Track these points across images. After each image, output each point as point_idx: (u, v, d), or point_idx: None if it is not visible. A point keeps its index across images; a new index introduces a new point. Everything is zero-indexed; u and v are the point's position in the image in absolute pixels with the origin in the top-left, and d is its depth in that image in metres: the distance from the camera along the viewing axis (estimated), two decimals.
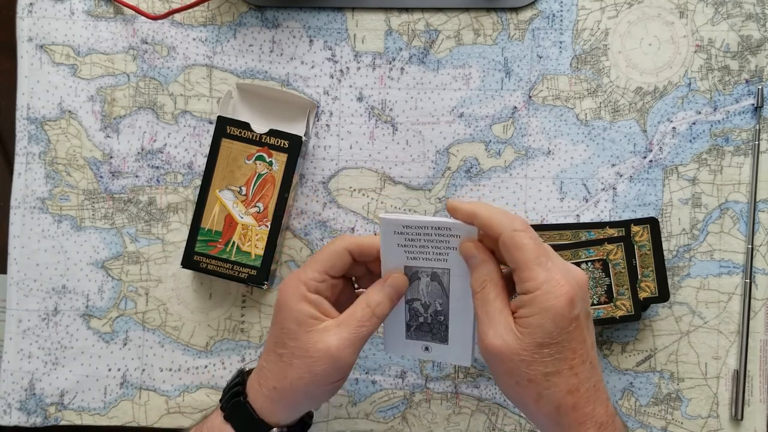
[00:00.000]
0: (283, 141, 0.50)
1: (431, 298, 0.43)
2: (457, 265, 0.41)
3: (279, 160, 0.50)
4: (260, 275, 0.51)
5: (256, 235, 0.51)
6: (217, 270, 0.51)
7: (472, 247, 0.40)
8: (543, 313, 0.36)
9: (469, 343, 0.43)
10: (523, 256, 0.37)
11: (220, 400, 0.44)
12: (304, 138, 0.51)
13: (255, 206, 0.51)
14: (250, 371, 0.45)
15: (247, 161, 0.51)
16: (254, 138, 0.51)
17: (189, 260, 0.52)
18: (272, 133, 0.51)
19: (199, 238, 0.51)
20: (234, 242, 0.51)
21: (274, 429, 0.42)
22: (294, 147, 0.51)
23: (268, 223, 0.51)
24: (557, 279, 0.37)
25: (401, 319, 0.44)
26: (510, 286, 0.40)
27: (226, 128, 0.51)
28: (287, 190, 0.51)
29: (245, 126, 0.51)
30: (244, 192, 0.51)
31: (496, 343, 0.37)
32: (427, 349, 0.44)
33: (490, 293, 0.39)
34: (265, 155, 0.50)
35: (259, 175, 0.50)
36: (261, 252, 0.51)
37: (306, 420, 0.46)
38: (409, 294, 0.43)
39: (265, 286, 0.51)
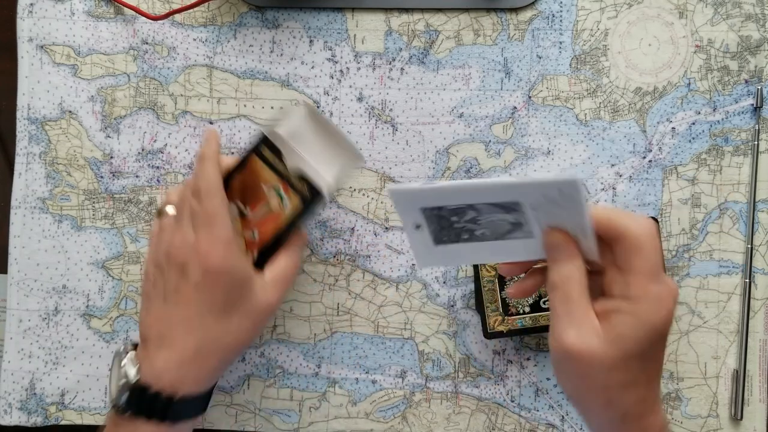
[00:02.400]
0: (306, 189, 0.46)
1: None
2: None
3: (292, 203, 0.46)
4: None
5: None
6: None
7: (561, 237, 0.37)
8: (642, 326, 0.34)
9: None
10: (642, 263, 0.35)
11: (113, 405, 0.42)
12: (327, 197, 0.46)
13: (251, 231, 0.47)
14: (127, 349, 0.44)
15: (263, 185, 0.46)
16: (280, 170, 0.46)
17: None
18: (300, 176, 0.46)
19: None
20: None
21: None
22: (313, 202, 0.46)
23: (255, 254, 0.46)
24: (665, 294, 0.35)
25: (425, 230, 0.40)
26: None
27: (261, 147, 0.46)
28: (285, 236, 0.46)
29: (278, 153, 0.46)
30: (247, 213, 0.47)
31: (579, 346, 0.34)
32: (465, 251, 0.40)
33: (574, 290, 0.36)
34: (282, 190, 0.46)
35: (268, 206, 0.46)
36: None
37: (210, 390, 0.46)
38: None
39: None
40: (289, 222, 0.46)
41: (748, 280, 0.53)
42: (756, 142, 0.53)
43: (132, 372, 0.42)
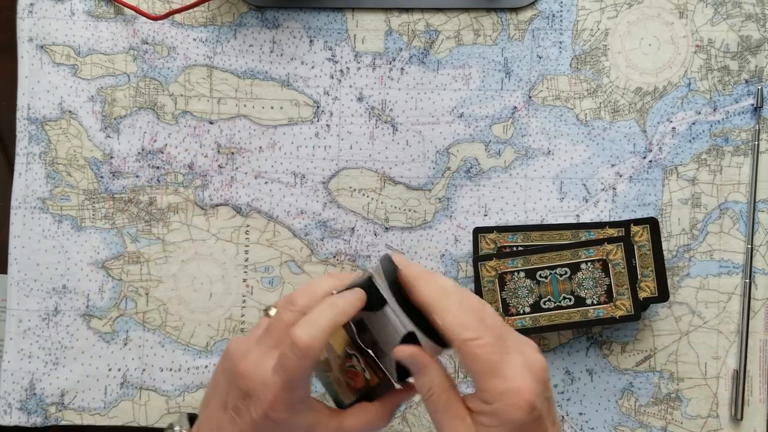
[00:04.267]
0: (375, 373, 0.40)
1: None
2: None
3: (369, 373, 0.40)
4: None
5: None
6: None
7: (408, 351, 0.36)
8: (505, 424, 0.34)
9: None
10: (478, 367, 0.35)
11: None
12: (396, 384, 0.40)
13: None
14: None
15: (348, 352, 0.41)
16: (359, 346, 0.40)
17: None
18: (372, 351, 0.40)
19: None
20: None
21: None
22: (382, 388, 0.40)
23: (354, 395, 0.41)
24: (515, 387, 0.35)
25: None
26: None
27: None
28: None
29: (362, 329, 0.40)
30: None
31: None
32: None
33: (440, 400, 0.36)
34: (357, 366, 0.41)
35: (351, 366, 0.41)
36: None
37: None
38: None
39: None
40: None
41: (748, 280, 0.53)
42: (756, 142, 0.53)
43: None
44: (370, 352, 0.39)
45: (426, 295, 0.37)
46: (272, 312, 0.40)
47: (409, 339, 0.37)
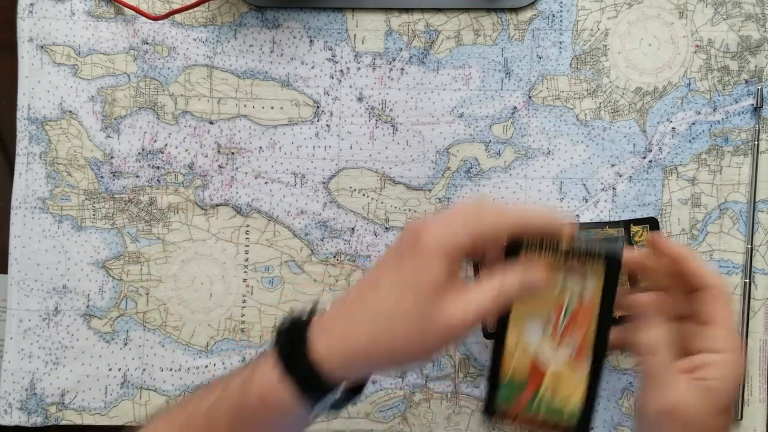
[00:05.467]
0: (596, 265, 0.39)
1: None
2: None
3: (591, 287, 0.39)
4: None
5: (571, 384, 0.40)
6: (524, 427, 0.41)
7: (651, 304, 0.39)
8: (731, 378, 0.37)
9: None
10: (720, 314, 0.38)
11: (276, 346, 0.36)
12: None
13: (566, 346, 0.40)
14: (308, 316, 0.37)
15: (552, 291, 0.40)
16: (559, 262, 0.39)
17: (491, 414, 0.41)
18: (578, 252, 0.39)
19: (500, 390, 0.41)
20: (542, 394, 0.40)
21: (342, 386, 0.36)
22: (611, 269, 0.39)
23: (586, 367, 0.40)
24: (741, 351, 0.38)
25: None
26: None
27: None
28: (606, 327, 0.39)
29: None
30: (550, 331, 0.40)
31: (680, 407, 0.36)
32: None
33: (664, 354, 0.38)
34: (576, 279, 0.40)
35: (567, 308, 0.40)
36: (577, 408, 0.40)
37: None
38: None
39: None
40: (602, 305, 0.39)
41: (748, 281, 0.53)
42: (756, 142, 0.53)
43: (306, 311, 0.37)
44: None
45: (676, 249, 0.40)
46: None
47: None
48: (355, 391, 0.38)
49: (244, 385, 0.36)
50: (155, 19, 0.54)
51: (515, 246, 0.38)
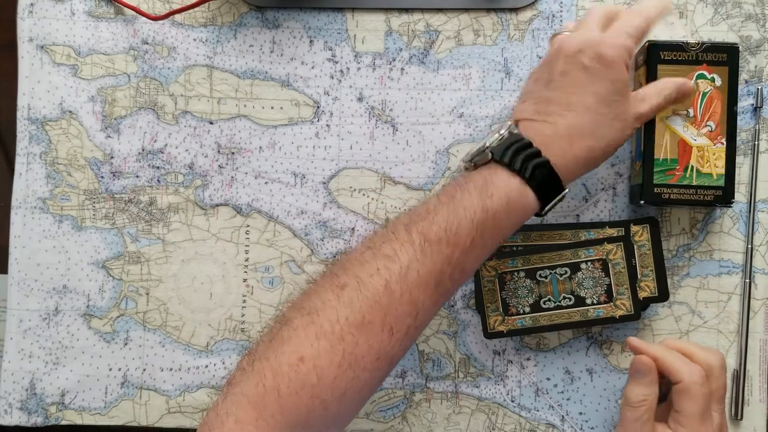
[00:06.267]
0: (720, 55, 0.50)
1: None
2: None
3: (720, 75, 0.50)
4: (726, 195, 0.50)
5: (714, 154, 0.50)
6: (680, 198, 0.50)
7: (648, 363, 0.45)
8: None
9: None
10: (691, 407, 0.43)
11: (503, 160, 0.41)
12: (740, 48, 0.50)
13: (706, 126, 0.50)
14: (520, 139, 0.43)
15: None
16: (691, 58, 0.50)
17: (650, 194, 0.50)
18: (708, 48, 0.50)
19: (655, 169, 0.50)
20: (692, 166, 0.50)
21: (567, 189, 0.44)
22: (733, 58, 0.50)
23: (723, 140, 0.50)
24: None
25: None
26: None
27: (660, 54, 0.50)
28: (735, 102, 0.50)
29: (680, 48, 0.50)
30: (692, 114, 0.50)
31: None
32: None
33: (647, 413, 0.44)
34: (705, 73, 0.50)
35: (704, 94, 0.50)
36: (722, 171, 0.50)
37: None
38: None
39: (732, 205, 0.51)
40: (729, 89, 0.50)
41: (748, 280, 0.53)
42: (756, 142, 0.53)
43: (509, 125, 0.43)
44: None
45: (651, 350, 0.45)
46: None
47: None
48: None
49: (482, 198, 0.40)
50: (155, 19, 0.54)
51: (655, 48, 0.49)
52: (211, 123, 0.55)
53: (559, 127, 0.43)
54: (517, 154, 0.41)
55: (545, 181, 0.42)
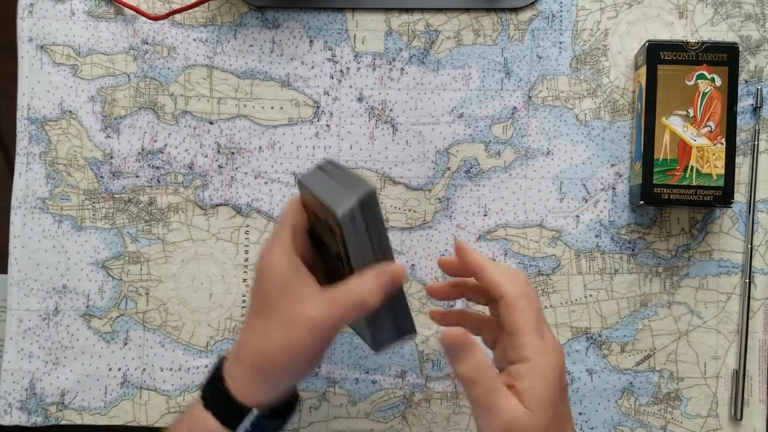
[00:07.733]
0: (720, 55, 0.50)
1: None
2: None
3: (720, 75, 0.50)
4: (726, 195, 0.50)
5: (713, 154, 0.50)
6: (679, 198, 0.50)
7: (460, 336, 0.37)
8: (538, 386, 0.36)
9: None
10: (525, 323, 0.37)
11: (200, 388, 0.42)
12: (740, 48, 0.50)
13: (706, 126, 0.50)
14: (222, 358, 0.42)
15: (687, 83, 0.50)
16: (691, 58, 0.50)
17: (650, 194, 0.50)
18: (708, 48, 0.50)
19: (655, 170, 0.50)
20: (692, 167, 0.50)
21: (254, 410, 0.40)
22: (733, 58, 0.50)
23: (723, 141, 0.50)
24: (552, 348, 0.38)
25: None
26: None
27: (660, 54, 0.50)
28: (735, 103, 0.50)
29: (680, 48, 0.50)
30: (692, 114, 0.50)
31: (515, 424, 0.36)
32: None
33: (489, 381, 0.37)
34: (705, 73, 0.50)
35: (704, 94, 0.50)
36: (721, 171, 0.50)
37: (291, 400, 0.44)
38: None
39: (731, 206, 0.50)
40: (729, 90, 0.50)
41: (747, 280, 0.53)
42: (756, 142, 0.53)
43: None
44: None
45: (475, 259, 0.40)
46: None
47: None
48: (280, 416, 0.42)
49: (175, 425, 0.42)
50: (155, 19, 0.54)
51: (655, 48, 0.50)
52: (210, 123, 0.55)
53: (237, 347, 0.42)
54: (206, 381, 0.42)
55: (222, 404, 0.40)
